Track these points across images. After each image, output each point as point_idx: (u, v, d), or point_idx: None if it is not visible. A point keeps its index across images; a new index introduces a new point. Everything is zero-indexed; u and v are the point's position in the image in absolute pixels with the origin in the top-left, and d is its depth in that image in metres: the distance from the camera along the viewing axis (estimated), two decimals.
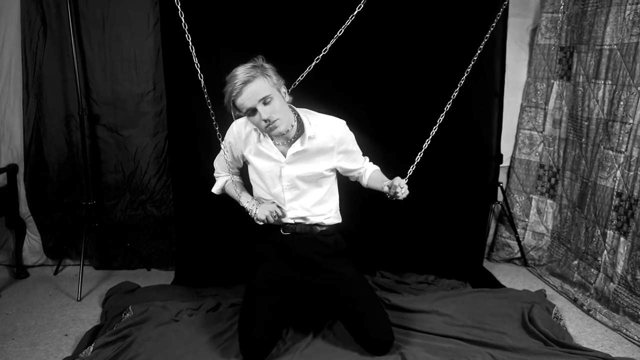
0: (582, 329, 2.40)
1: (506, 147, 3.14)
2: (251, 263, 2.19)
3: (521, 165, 3.17)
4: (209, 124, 2.78)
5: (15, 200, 3.00)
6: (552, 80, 3.01)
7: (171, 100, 2.79)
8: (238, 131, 2.07)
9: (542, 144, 3.09)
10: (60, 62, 2.88)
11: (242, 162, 2.18)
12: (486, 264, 3.17)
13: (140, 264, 3.15)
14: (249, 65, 1.86)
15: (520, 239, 3.16)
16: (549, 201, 3.10)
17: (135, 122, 2.96)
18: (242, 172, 2.28)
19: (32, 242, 3.10)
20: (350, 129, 2.07)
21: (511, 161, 3.21)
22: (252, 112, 1.85)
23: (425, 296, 2.56)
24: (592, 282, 2.61)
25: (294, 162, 2.02)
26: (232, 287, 2.73)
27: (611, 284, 2.48)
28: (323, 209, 2.11)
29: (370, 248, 2.93)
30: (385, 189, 1.94)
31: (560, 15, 2.92)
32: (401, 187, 1.88)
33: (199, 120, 2.79)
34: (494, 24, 2.36)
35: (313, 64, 2.28)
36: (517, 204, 3.20)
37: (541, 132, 3.09)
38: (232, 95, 1.83)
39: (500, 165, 3.11)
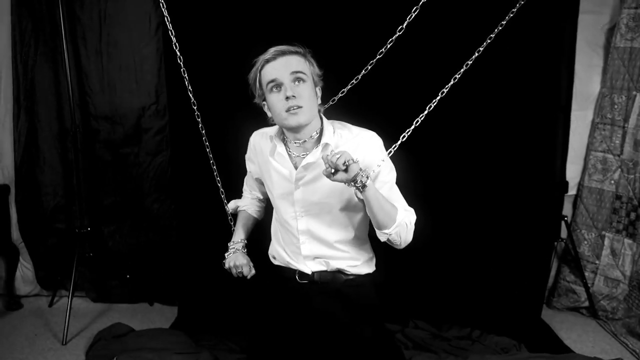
0: None
1: (573, 173, 2.59)
2: (253, 315, 1.82)
3: (591, 195, 2.60)
4: (218, 143, 2.46)
5: (7, 224, 2.72)
6: (635, 92, 2.43)
7: (174, 115, 2.45)
8: (255, 142, 1.77)
9: (620, 169, 2.51)
10: (53, 72, 2.57)
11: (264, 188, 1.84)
12: (545, 312, 2.62)
13: (142, 298, 2.80)
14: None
15: (589, 285, 2.59)
16: (627, 241, 2.51)
17: (136, 139, 2.62)
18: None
19: (25, 270, 2.80)
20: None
21: (578, 190, 2.64)
22: (277, 87, 1.53)
23: None
24: None
25: (309, 183, 1.60)
26: (236, 337, 2.33)
27: None
28: (349, 248, 1.67)
29: (402, 291, 2.47)
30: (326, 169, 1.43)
31: None
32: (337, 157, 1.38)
33: (206, 138, 2.44)
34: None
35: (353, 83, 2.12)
36: (586, 242, 2.63)
37: (618, 156, 2.51)
38: (262, 62, 1.54)
39: (565, 195, 2.58)
